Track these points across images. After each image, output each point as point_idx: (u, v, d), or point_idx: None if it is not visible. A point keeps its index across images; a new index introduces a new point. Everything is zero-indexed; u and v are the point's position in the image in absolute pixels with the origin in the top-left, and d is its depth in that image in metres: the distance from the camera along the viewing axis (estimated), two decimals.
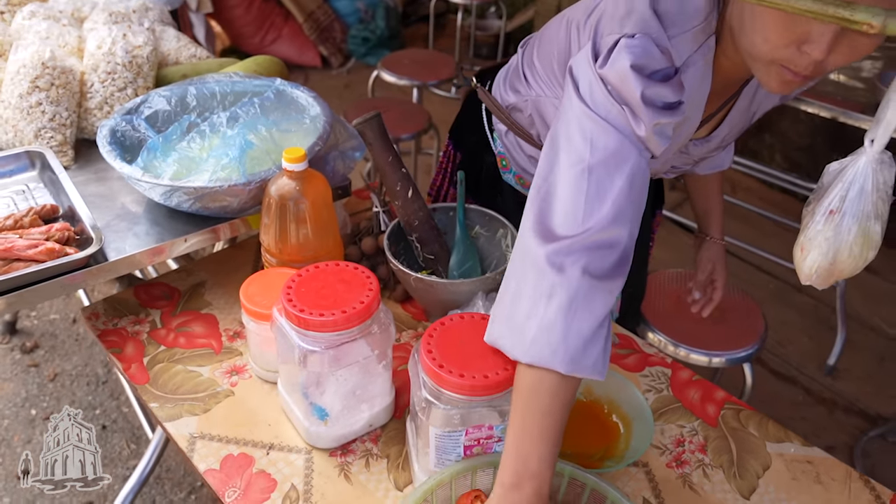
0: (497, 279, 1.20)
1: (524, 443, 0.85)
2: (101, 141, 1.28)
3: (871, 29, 0.66)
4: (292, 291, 0.99)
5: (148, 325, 1.28)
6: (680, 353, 1.65)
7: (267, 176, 1.20)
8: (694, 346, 1.65)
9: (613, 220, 0.86)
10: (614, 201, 0.86)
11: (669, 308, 1.77)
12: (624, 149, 0.87)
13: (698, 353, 1.65)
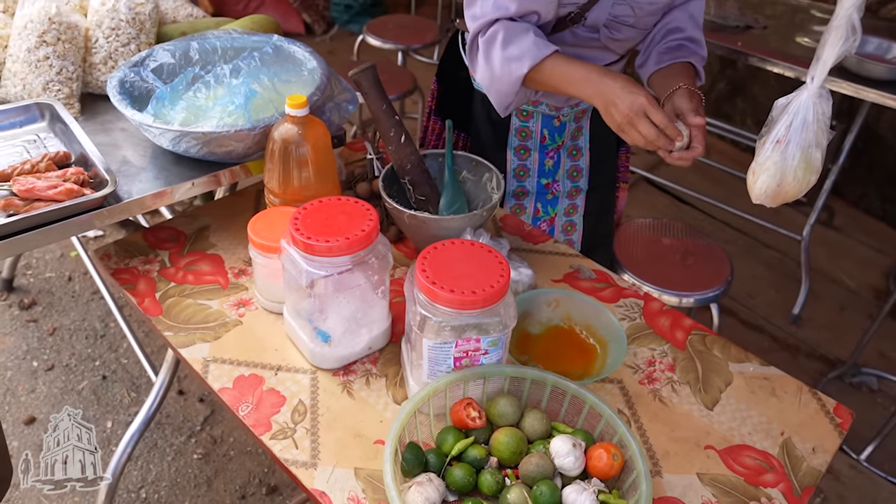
0: (483, 216, 1.30)
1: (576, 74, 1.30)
2: (111, 91, 1.36)
3: None
4: (299, 222, 1.09)
5: (157, 265, 1.37)
6: (653, 293, 1.77)
7: (271, 122, 1.29)
8: (665, 287, 1.78)
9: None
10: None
11: (642, 254, 1.89)
12: None
13: (669, 293, 1.77)
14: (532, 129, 1.63)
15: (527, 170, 1.67)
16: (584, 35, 1.44)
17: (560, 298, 1.29)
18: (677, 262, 1.86)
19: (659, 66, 1.45)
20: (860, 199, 3.27)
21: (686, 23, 1.46)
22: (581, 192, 1.71)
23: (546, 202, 1.71)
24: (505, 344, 1.08)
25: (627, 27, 1.42)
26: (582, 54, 1.48)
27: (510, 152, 1.66)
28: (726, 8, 2.43)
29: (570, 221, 1.74)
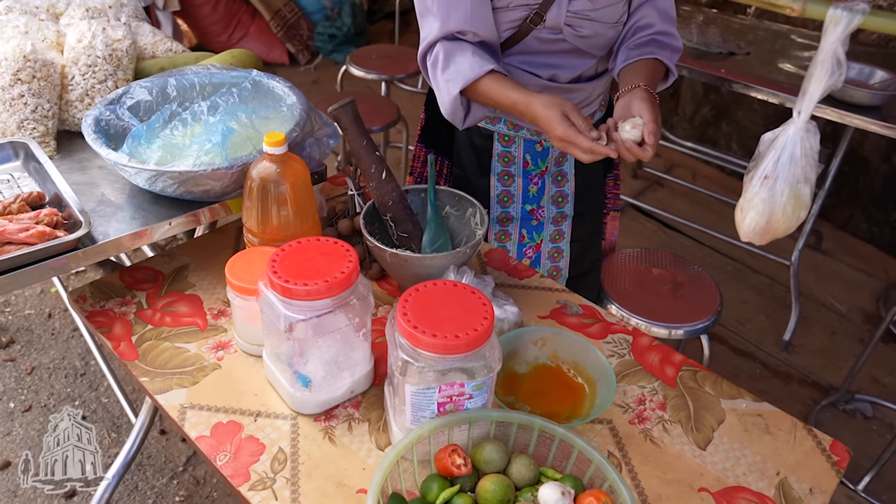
0: (467, 253, 1.28)
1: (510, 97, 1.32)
2: (86, 129, 1.33)
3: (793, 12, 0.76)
4: (277, 264, 1.06)
5: (134, 307, 1.34)
6: (641, 326, 1.75)
7: (248, 160, 1.26)
8: (654, 320, 1.75)
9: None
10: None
11: (629, 285, 1.87)
12: None
13: (658, 325, 1.75)
14: (514, 154, 1.61)
15: (511, 196, 1.65)
16: (549, 37, 1.43)
17: (546, 337, 1.26)
18: (666, 293, 1.83)
19: (626, 62, 1.44)
20: (847, 222, 3.27)
21: (654, 18, 1.44)
22: (567, 218, 1.69)
23: (531, 228, 1.69)
24: (490, 387, 1.05)
25: (590, 21, 1.40)
26: (555, 62, 1.48)
27: (493, 178, 1.64)
28: (709, 35, 2.44)
29: (557, 248, 1.72)
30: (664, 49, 1.45)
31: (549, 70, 1.49)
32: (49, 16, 1.78)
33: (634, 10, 1.46)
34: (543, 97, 1.29)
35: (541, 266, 1.72)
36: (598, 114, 1.64)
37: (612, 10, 1.41)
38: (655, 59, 1.42)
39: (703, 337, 1.79)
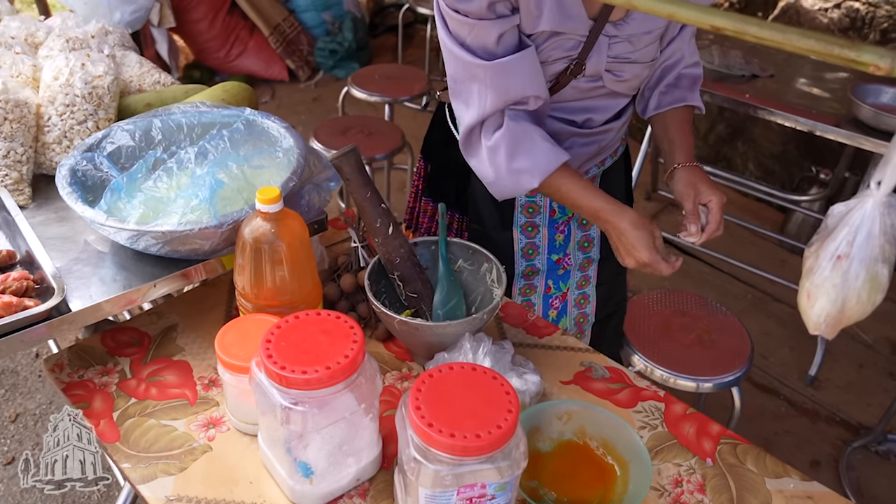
0: (484, 319, 1.15)
1: (591, 205, 1.26)
2: (60, 182, 1.20)
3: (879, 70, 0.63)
4: (272, 346, 0.94)
5: (117, 376, 1.21)
6: (668, 379, 1.62)
7: (239, 217, 1.14)
8: (680, 372, 1.62)
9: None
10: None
11: (653, 331, 1.75)
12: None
13: (685, 378, 1.62)
14: (540, 203, 1.49)
15: (536, 248, 1.53)
16: (587, 85, 1.31)
17: (573, 410, 1.14)
18: (692, 341, 1.71)
19: (659, 109, 1.40)
20: None
21: (683, 52, 1.38)
22: (593, 263, 1.58)
23: (557, 278, 1.57)
24: (515, 484, 0.92)
25: (630, 64, 1.30)
26: (591, 106, 1.37)
27: (517, 231, 1.51)
28: (731, 57, 2.32)
29: (583, 294, 1.60)
30: (692, 85, 1.39)
31: (583, 115, 1.38)
32: (27, 46, 1.66)
33: (664, 48, 1.36)
34: (633, 214, 1.24)
35: (567, 314, 1.60)
36: (621, 148, 1.54)
37: (651, 49, 1.31)
38: (686, 106, 1.38)
39: (734, 390, 1.66)
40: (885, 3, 3.17)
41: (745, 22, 0.72)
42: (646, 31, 1.26)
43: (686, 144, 1.36)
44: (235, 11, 4.25)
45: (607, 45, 1.25)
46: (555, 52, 1.24)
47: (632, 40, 1.26)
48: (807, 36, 0.68)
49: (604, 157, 1.50)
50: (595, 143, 1.43)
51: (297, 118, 4.10)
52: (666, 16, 0.78)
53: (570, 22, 1.19)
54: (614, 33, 1.24)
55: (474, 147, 1.30)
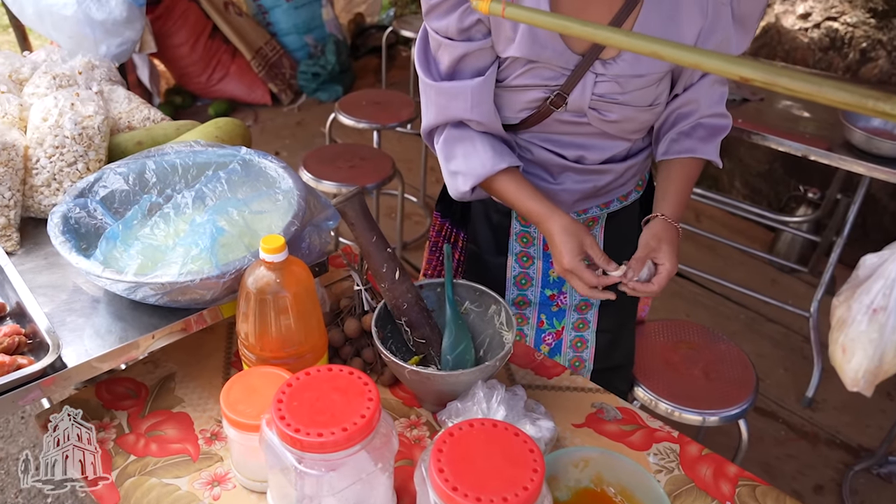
0: (496, 366, 1.12)
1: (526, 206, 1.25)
2: (52, 231, 1.16)
3: None
4: (283, 405, 0.90)
5: (114, 431, 1.16)
6: (672, 412, 1.60)
7: (242, 266, 1.10)
8: (685, 405, 1.60)
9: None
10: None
11: (657, 362, 1.72)
12: None
13: (690, 412, 1.60)
14: (534, 235, 1.46)
15: (529, 279, 1.50)
16: (573, 120, 1.27)
17: (589, 457, 1.10)
18: (696, 373, 1.69)
19: (665, 156, 1.34)
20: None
21: (698, 104, 1.31)
22: (592, 307, 1.52)
23: (551, 314, 1.53)
24: None
25: (619, 105, 1.24)
26: (582, 143, 1.32)
27: (511, 258, 1.49)
28: None
29: (581, 337, 1.55)
30: (710, 135, 1.33)
31: (574, 151, 1.33)
32: (11, 83, 1.61)
33: (679, 95, 1.31)
34: (565, 220, 1.22)
35: (561, 355, 1.55)
36: (634, 195, 1.48)
37: (645, 94, 1.25)
38: (694, 158, 1.32)
39: (741, 422, 1.64)
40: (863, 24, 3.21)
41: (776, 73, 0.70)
42: (636, 75, 1.20)
43: (677, 200, 1.30)
44: (217, 36, 4.20)
45: (593, 83, 1.21)
46: (532, 80, 1.22)
47: (619, 81, 1.21)
48: (840, 88, 0.66)
49: (608, 199, 1.44)
50: (591, 182, 1.37)
51: (280, 143, 4.06)
52: (691, 65, 0.75)
53: (545, 52, 1.17)
54: (602, 71, 1.19)
55: (431, 147, 1.37)
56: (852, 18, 3.22)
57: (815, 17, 3.36)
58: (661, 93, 1.28)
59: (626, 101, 1.24)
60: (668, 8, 1.17)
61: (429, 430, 1.19)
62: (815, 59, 3.30)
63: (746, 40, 1.23)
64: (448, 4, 1.15)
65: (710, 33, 1.19)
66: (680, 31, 1.18)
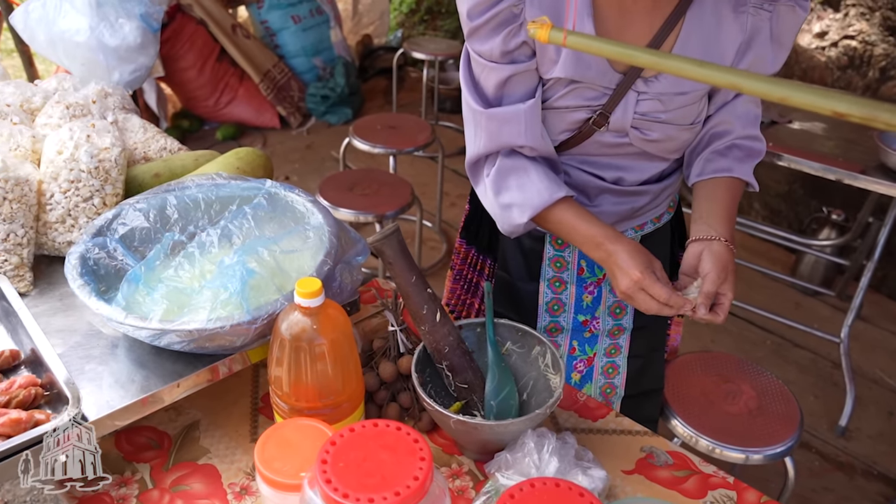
0: (546, 413, 1.05)
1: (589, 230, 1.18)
2: (70, 273, 1.09)
3: None
4: (328, 466, 0.82)
5: (136, 486, 1.08)
6: (713, 449, 1.53)
7: (275, 310, 1.03)
8: (727, 442, 1.52)
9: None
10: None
11: (696, 396, 1.65)
12: None
13: (733, 449, 1.52)
14: (568, 259, 1.41)
15: (562, 304, 1.44)
16: (613, 141, 1.24)
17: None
18: (736, 408, 1.61)
19: (701, 176, 1.28)
20: (882, 283, 3.09)
21: (732, 124, 1.27)
22: (625, 332, 1.47)
23: (583, 340, 1.47)
24: None
25: (661, 124, 1.21)
26: (622, 164, 1.29)
27: (543, 284, 1.43)
28: None
29: (612, 363, 1.50)
30: (746, 157, 1.27)
31: (613, 172, 1.30)
32: (23, 114, 1.55)
33: (711, 115, 1.27)
34: (633, 243, 1.16)
35: (592, 382, 1.50)
36: (666, 216, 1.44)
37: (687, 112, 1.22)
38: (733, 178, 1.25)
39: (787, 460, 1.56)
40: (881, 42, 3.17)
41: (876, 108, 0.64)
42: (678, 92, 1.18)
43: (730, 222, 1.21)
44: (224, 59, 4.16)
45: (635, 101, 1.18)
46: (575, 101, 1.19)
47: (662, 99, 1.18)
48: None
49: (642, 221, 1.41)
50: (628, 204, 1.34)
51: (290, 167, 4.01)
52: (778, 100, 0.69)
53: (589, 72, 1.15)
54: (644, 89, 1.17)
55: (476, 178, 1.31)
56: (870, 37, 3.18)
57: (831, 35, 3.32)
58: (702, 111, 1.26)
59: (668, 120, 1.21)
60: (709, 25, 1.14)
61: (472, 479, 1.12)
62: (833, 78, 3.26)
63: (782, 58, 1.20)
64: (491, 27, 1.11)
65: (747, 49, 1.16)
66: (721, 48, 1.15)
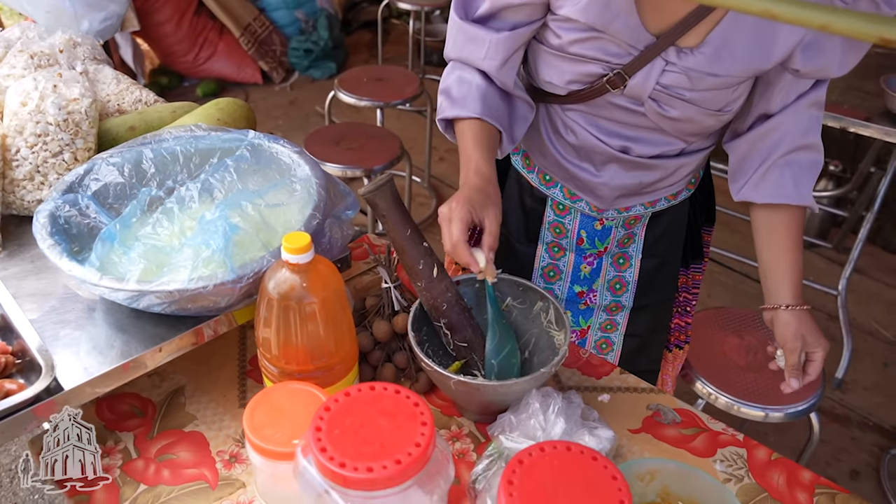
0: (550, 372, 1.00)
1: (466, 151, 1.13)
2: (39, 233, 1.01)
3: None
4: (323, 434, 0.77)
5: (120, 457, 1.03)
6: (732, 406, 1.49)
7: (261, 268, 0.96)
8: (747, 400, 1.49)
9: None
10: None
11: (715, 353, 1.61)
12: None
13: (752, 406, 1.48)
14: (568, 227, 1.33)
15: (558, 272, 1.38)
16: (627, 106, 1.14)
17: (654, 469, 0.99)
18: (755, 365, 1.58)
19: (755, 200, 1.18)
20: (877, 235, 3.05)
21: (787, 129, 1.13)
22: (623, 309, 1.40)
23: (577, 312, 1.41)
24: None
25: (683, 102, 1.10)
26: (630, 135, 1.18)
27: (542, 247, 1.37)
28: None
29: (607, 338, 1.43)
30: (805, 174, 1.15)
31: (620, 140, 1.20)
32: None
33: (771, 116, 1.14)
34: (488, 181, 1.07)
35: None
36: (684, 193, 1.33)
37: (716, 96, 1.09)
38: (789, 206, 1.16)
39: (812, 416, 1.53)
40: None
41: None
42: (711, 73, 1.05)
43: (794, 275, 1.16)
44: (203, 12, 4.00)
45: (661, 71, 1.07)
46: (592, 52, 1.09)
47: (691, 76, 1.06)
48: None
49: (654, 197, 1.30)
50: (636, 178, 1.24)
51: (273, 123, 3.89)
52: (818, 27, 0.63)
53: (615, 23, 1.03)
54: (674, 60, 1.05)
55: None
56: None
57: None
58: (736, 100, 1.12)
59: (693, 100, 1.09)
60: None
61: (473, 441, 1.07)
62: None
63: (852, 61, 1.06)
64: None
65: (812, 43, 1.02)
66: (777, 28, 1.01)
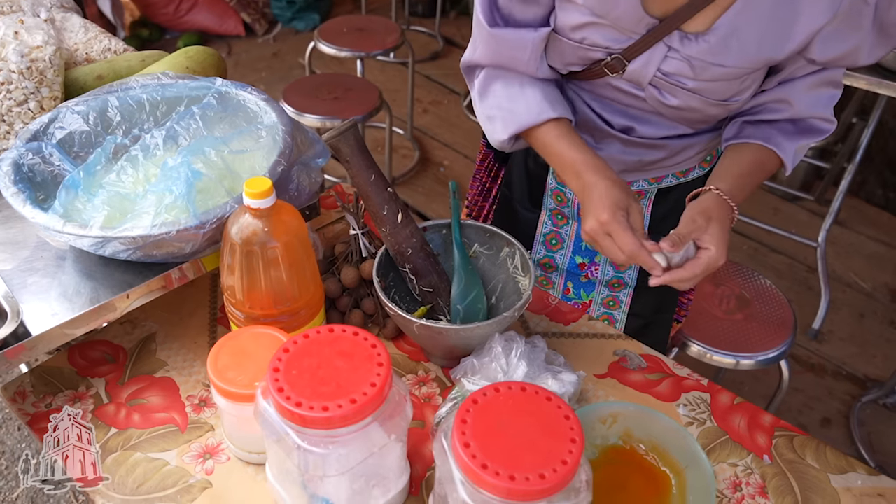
0: (514, 316, 1.01)
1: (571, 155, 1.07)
2: (3, 181, 1.01)
3: None
4: (281, 374, 0.78)
5: (92, 402, 1.04)
6: (704, 354, 1.51)
7: (224, 213, 0.96)
8: (718, 347, 1.51)
9: None
10: None
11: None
12: None
13: (724, 354, 1.50)
14: (570, 195, 1.31)
15: (560, 240, 1.36)
16: (627, 90, 1.10)
17: (616, 413, 1.02)
18: (728, 313, 1.59)
19: (735, 140, 1.12)
20: (860, 188, 3.06)
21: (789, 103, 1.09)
22: (626, 287, 1.37)
23: (579, 285, 1.39)
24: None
25: (685, 91, 1.05)
26: (633, 115, 1.16)
27: (545, 213, 1.35)
28: None
29: (609, 315, 1.41)
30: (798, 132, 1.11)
31: (622, 120, 1.17)
32: None
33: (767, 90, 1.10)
34: (615, 177, 1.02)
35: None
36: (696, 171, 1.29)
37: (721, 87, 1.05)
38: (767, 147, 1.09)
39: (783, 363, 1.55)
40: None
41: None
42: (717, 63, 1.00)
43: (740, 182, 1.07)
44: None
45: (662, 57, 1.03)
46: (593, 37, 1.04)
47: (694, 64, 1.01)
48: None
49: (660, 174, 1.27)
50: (636, 156, 1.21)
51: (256, 76, 3.84)
52: None
53: (616, 10, 1.00)
54: (677, 46, 1.01)
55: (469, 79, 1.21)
56: None
57: None
58: (744, 90, 1.07)
59: (696, 89, 1.05)
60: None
61: (439, 386, 1.09)
62: None
63: (883, 49, 1.01)
64: None
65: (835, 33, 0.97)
66: (796, 15, 0.95)
